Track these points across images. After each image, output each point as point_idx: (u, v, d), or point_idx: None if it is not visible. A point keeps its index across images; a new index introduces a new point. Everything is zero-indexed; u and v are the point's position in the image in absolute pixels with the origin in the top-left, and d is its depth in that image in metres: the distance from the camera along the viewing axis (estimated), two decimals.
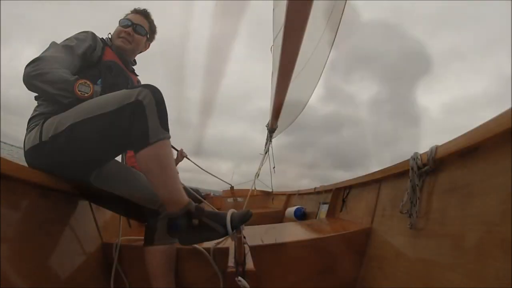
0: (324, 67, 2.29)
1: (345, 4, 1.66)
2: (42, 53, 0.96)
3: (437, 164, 0.91)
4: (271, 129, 3.05)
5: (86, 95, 0.88)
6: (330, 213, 1.90)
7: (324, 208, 2.05)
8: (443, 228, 0.83)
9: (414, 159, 0.98)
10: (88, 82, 0.90)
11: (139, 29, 1.18)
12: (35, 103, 1.00)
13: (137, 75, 1.26)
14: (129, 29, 1.16)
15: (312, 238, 1.27)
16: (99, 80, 1.00)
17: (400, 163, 1.12)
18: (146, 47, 1.27)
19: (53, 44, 1.00)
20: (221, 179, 2.96)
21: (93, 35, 1.10)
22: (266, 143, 3.19)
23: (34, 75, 0.88)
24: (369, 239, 1.26)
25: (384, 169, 1.27)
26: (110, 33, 1.19)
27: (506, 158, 0.66)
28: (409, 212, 0.98)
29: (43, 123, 0.91)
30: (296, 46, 1.28)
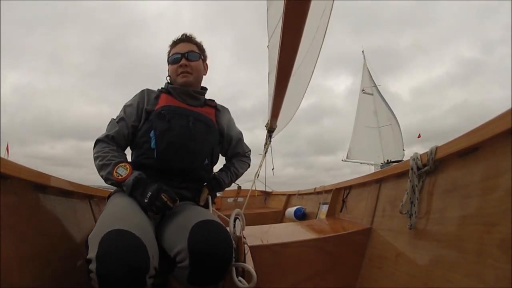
0: (316, 64, 2.30)
1: (332, 4, 1.69)
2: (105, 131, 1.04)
3: (436, 164, 0.91)
4: (271, 129, 3.03)
5: (120, 177, 0.90)
6: (330, 213, 1.90)
7: (324, 208, 2.05)
8: (442, 229, 0.83)
9: (414, 159, 0.98)
10: (128, 166, 0.92)
11: (192, 55, 1.12)
12: None
13: (212, 103, 1.19)
14: (183, 61, 1.10)
15: (312, 238, 1.26)
16: (152, 131, 1.01)
17: (400, 163, 1.12)
18: (205, 68, 1.20)
19: (111, 121, 1.06)
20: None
21: (142, 93, 1.10)
22: (266, 144, 3.17)
23: (94, 159, 0.98)
24: (369, 239, 1.26)
25: (384, 169, 1.27)
26: (168, 76, 1.16)
27: (506, 158, 0.66)
28: (409, 213, 0.98)
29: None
30: (295, 47, 1.28)
